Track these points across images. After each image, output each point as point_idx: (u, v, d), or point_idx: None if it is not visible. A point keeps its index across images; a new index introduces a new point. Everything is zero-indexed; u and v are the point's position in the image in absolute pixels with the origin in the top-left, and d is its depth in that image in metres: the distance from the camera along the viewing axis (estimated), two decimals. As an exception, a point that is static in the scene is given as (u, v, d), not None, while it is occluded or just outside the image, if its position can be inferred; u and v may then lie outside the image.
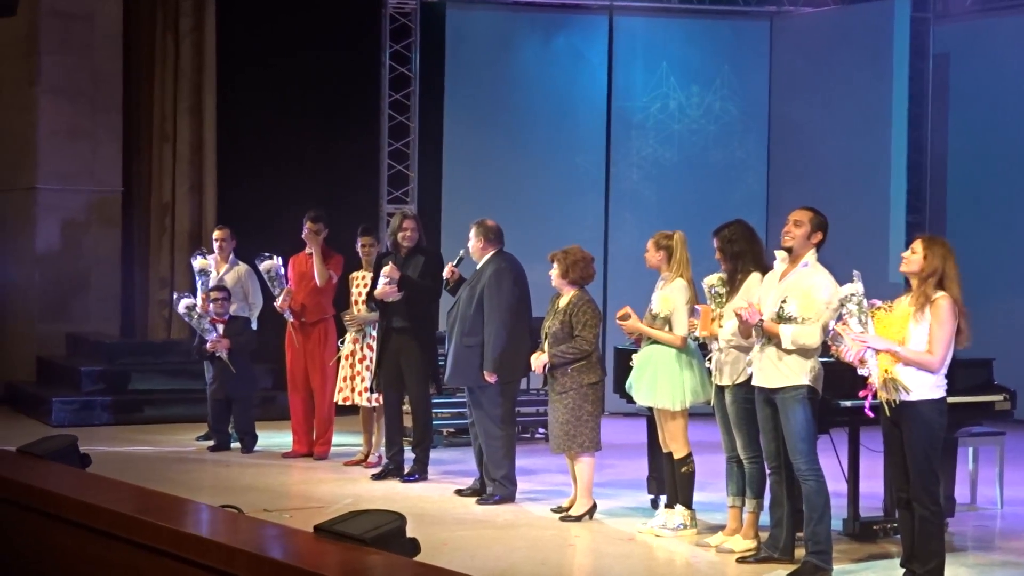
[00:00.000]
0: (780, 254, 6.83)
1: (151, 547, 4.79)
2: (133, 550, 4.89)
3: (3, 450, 7.22)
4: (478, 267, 8.81)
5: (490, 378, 8.58)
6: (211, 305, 10.65)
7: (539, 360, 8.16)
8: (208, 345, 10.55)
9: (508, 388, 8.71)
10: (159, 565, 4.78)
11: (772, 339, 6.68)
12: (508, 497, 8.63)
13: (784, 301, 6.66)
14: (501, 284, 8.64)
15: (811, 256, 6.77)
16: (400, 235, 9.40)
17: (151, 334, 13.95)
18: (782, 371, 6.69)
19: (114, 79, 13.91)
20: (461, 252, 9.00)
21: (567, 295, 8.20)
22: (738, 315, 6.78)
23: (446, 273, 8.99)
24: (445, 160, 13.71)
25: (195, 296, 10.89)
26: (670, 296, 7.69)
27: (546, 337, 8.21)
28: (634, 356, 7.92)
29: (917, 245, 6.25)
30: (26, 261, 13.75)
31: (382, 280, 9.24)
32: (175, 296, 11.07)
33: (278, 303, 10.30)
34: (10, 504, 5.78)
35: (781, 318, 6.65)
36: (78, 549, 5.31)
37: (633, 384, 7.84)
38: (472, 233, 8.85)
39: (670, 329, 7.68)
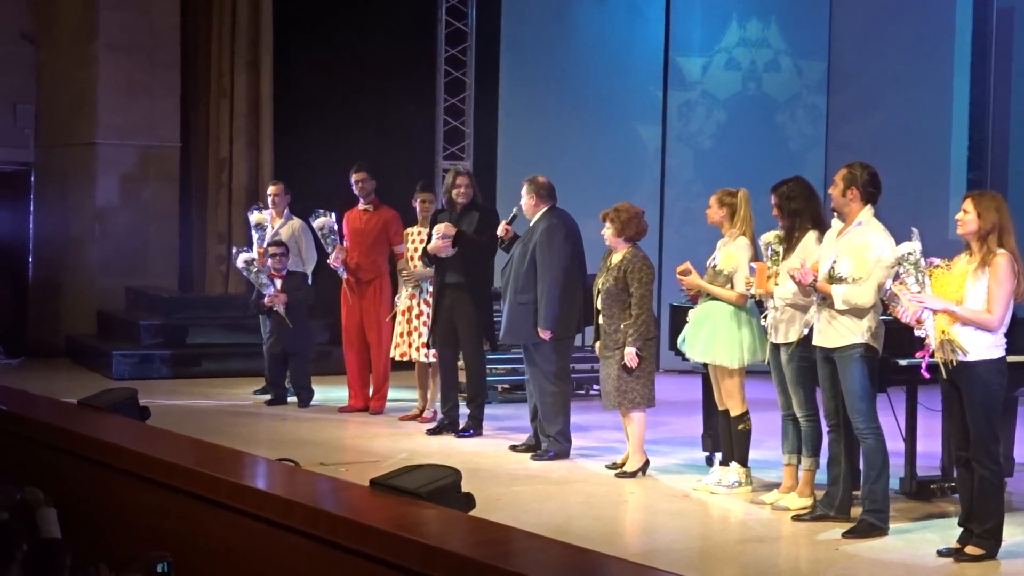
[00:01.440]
0: (839, 212, 6.80)
1: (209, 499, 4.85)
2: (191, 501, 4.94)
3: (65, 402, 7.32)
4: (531, 224, 8.80)
5: (543, 335, 8.58)
6: (269, 260, 10.70)
7: (632, 359, 8.04)
8: (265, 300, 10.61)
9: (562, 345, 8.71)
10: (217, 516, 4.83)
11: (827, 299, 6.65)
12: (562, 453, 8.64)
13: (835, 261, 6.63)
14: (553, 241, 8.64)
15: (866, 214, 6.71)
16: (454, 192, 9.40)
17: (208, 288, 14.04)
18: (838, 330, 6.66)
19: (172, 34, 13.97)
20: (515, 209, 8.99)
21: (620, 252, 8.17)
22: (792, 276, 6.75)
23: (500, 231, 8.99)
24: (501, 116, 13.66)
25: (252, 250, 10.94)
26: (733, 253, 7.65)
27: (599, 294, 8.19)
28: (691, 312, 7.89)
29: (968, 204, 6.18)
30: (86, 216, 13.88)
31: (435, 236, 9.25)
32: (234, 251, 11.12)
33: (331, 259, 10.33)
34: (71, 455, 5.86)
35: (832, 278, 6.61)
36: (137, 500, 5.38)
37: (688, 340, 7.82)
38: (524, 190, 8.83)
39: (731, 287, 7.64)
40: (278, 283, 10.65)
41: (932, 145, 13.11)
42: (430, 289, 9.73)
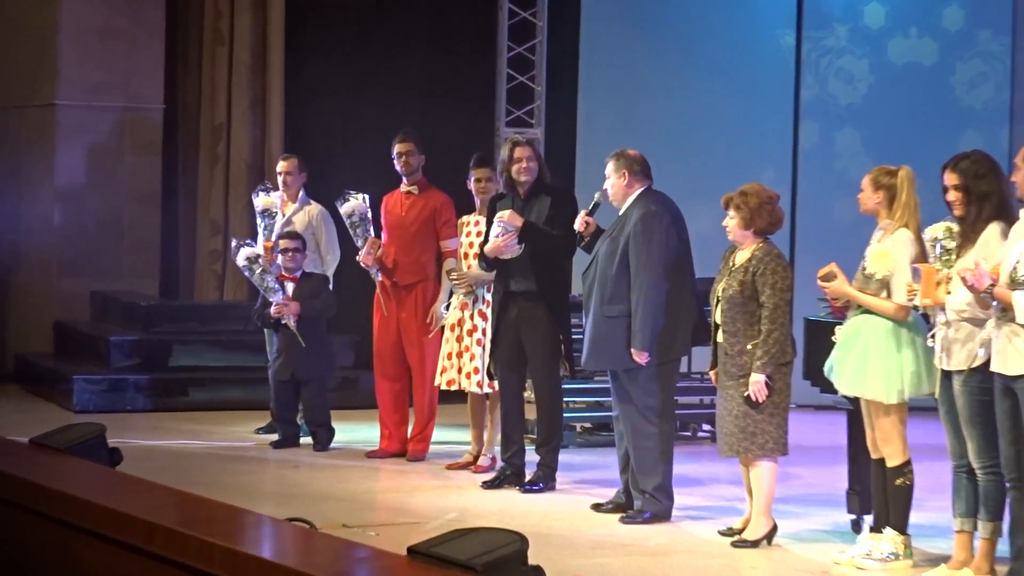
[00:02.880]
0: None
1: (198, 569, 4.83)
2: (174, 571, 4.93)
3: (12, 441, 7.33)
4: (620, 212, 8.76)
5: (639, 358, 8.54)
6: (279, 257, 10.73)
7: (761, 389, 8.00)
8: (272, 309, 10.63)
9: (664, 371, 8.67)
10: (209, 593, 4.82)
11: (1008, 310, 6.59)
12: (662, 514, 8.62)
13: (1020, 260, 6.56)
14: (652, 232, 8.58)
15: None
16: (514, 169, 9.36)
17: (199, 294, 14.17)
18: (1021, 352, 6.62)
19: (156, -35, 14.12)
20: (596, 195, 8.94)
21: (748, 248, 8.13)
22: (963, 279, 6.68)
23: (578, 225, 8.91)
24: (581, 70, 13.65)
25: (257, 244, 10.98)
26: (890, 251, 7.58)
27: (718, 303, 8.14)
28: (837, 329, 7.83)
29: None
30: (43, 199, 14.01)
31: (495, 230, 9.20)
32: (233, 244, 11.18)
33: (360, 256, 10.34)
34: (22, 509, 5.86)
35: (1016, 283, 6.54)
36: (104, 567, 5.37)
37: (835, 367, 7.76)
38: (610, 168, 8.77)
39: (888, 295, 7.56)
40: (289, 287, 10.69)
41: None
42: (487, 297, 9.72)
